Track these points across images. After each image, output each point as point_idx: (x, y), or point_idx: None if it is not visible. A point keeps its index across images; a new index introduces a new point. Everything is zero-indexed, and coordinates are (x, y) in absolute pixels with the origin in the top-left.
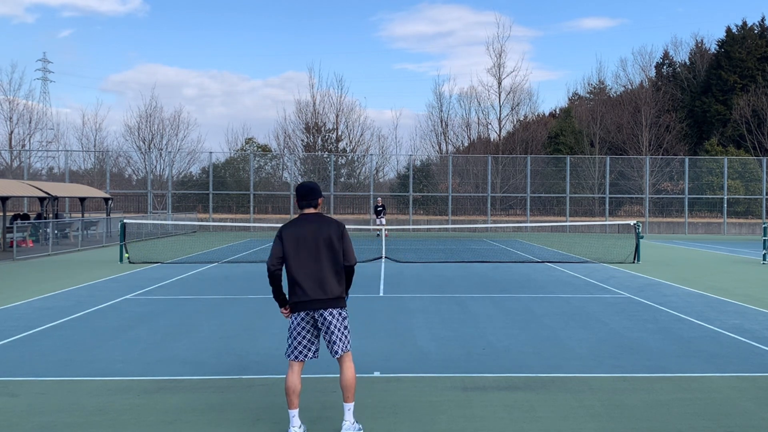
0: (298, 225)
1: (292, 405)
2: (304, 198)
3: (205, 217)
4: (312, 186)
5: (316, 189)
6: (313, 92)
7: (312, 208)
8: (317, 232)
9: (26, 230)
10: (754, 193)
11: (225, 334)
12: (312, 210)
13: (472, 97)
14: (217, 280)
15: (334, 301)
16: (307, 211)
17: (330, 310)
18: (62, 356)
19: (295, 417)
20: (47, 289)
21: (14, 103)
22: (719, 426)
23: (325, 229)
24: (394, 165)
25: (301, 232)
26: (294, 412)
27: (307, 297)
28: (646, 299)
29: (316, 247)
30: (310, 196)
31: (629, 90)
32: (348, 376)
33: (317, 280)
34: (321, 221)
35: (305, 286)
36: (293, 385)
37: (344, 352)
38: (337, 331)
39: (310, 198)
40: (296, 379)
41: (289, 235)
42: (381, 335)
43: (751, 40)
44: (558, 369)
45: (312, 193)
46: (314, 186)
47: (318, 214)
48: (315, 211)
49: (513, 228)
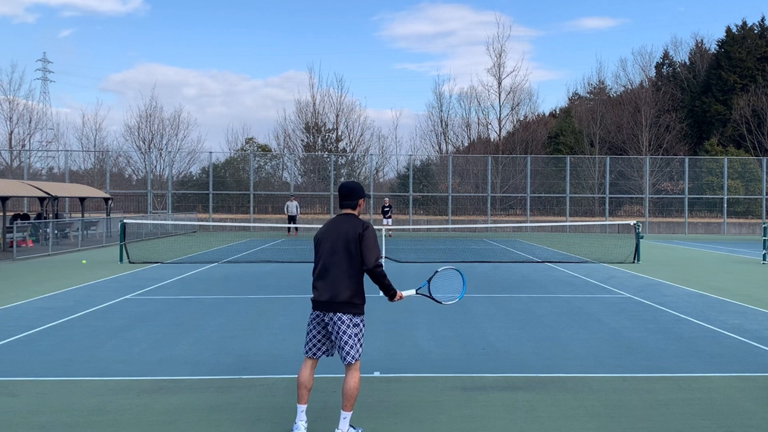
0: (330, 225)
1: (301, 399)
2: (344, 198)
3: (205, 217)
4: (352, 187)
5: (356, 190)
6: (313, 92)
7: (349, 209)
8: (338, 233)
9: (26, 230)
10: (754, 193)
11: (225, 334)
12: (348, 210)
13: (472, 97)
14: (217, 280)
15: (343, 306)
16: (345, 211)
17: (339, 315)
18: (62, 356)
19: (302, 412)
20: (47, 289)
21: (14, 103)
22: (719, 426)
23: (347, 231)
24: (394, 165)
25: (327, 232)
26: (302, 407)
27: (318, 297)
28: (646, 299)
29: (333, 248)
30: (350, 196)
31: (629, 90)
32: (351, 384)
33: (329, 281)
34: (347, 223)
35: (318, 285)
36: (304, 380)
37: (354, 360)
38: (345, 337)
39: (350, 199)
40: (307, 374)
41: (320, 235)
42: (381, 335)
43: (751, 40)
44: (558, 369)
45: (352, 194)
46: (355, 187)
47: (349, 215)
48: (351, 211)
49: (513, 228)
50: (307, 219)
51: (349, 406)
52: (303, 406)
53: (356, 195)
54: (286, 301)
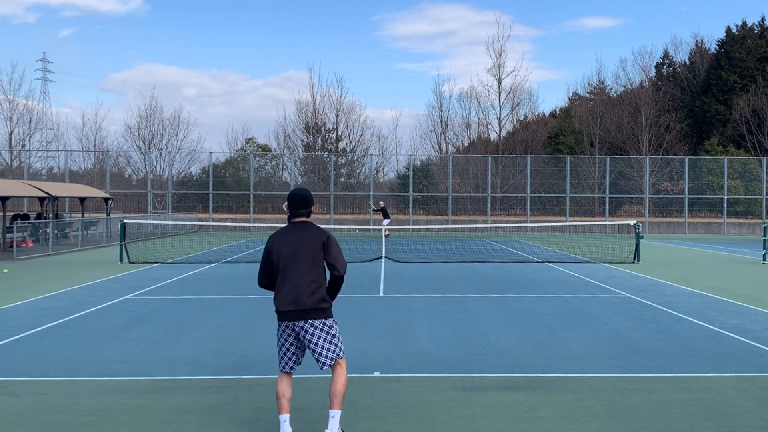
0: (285, 234)
1: (282, 409)
2: (296, 207)
3: (205, 217)
4: (304, 195)
5: (309, 198)
6: (313, 92)
7: (303, 217)
8: (300, 242)
9: (26, 230)
10: (754, 193)
11: (225, 334)
12: (302, 219)
13: (472, 97)
14: (217, 280)
15: (313, 312)
16: (297, 219)
17: (311, 322)
18: (62, 356)
19: (285, 422)
20: (47, 289)
21: (14, 103)
22: (719, 426)
23: (309, 238)
24: (394, 165)
25: (286, 241)
26: (285, 416)
27: (285, 308)
28: (646, 299)
29: (296, 256)
30: (302, 205)
31: (629, 90)
32: (338, 384)
33: (295, 291)
34: (307, 230)
35: (284, 296)
36: (282, 391)
37: (333, 362)
38: (321, 341)
39: (302, 207)
40: (285, 386)
41: (275, 245)
42: (381, 335)
43: (751, 40)
44: (558, 369)
45: (304, 202)
46: (306, 195)
47: (305, 222)
48: (305, 219)
49: (513, 228)
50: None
51: (338, 404)
52: (286, 415)
53: (309, 202)
54: None
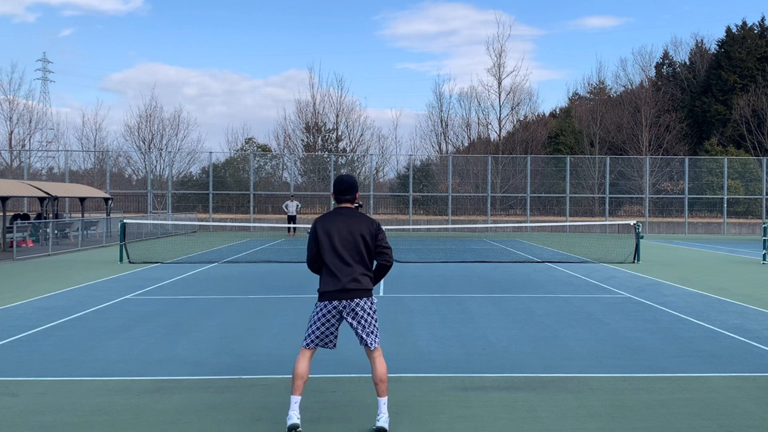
0: (333, 218)
1: (296, 390)
2: (342, 193)
3: (205, 217)
4: (351, 181)
5: (354, 184)
6: (313, 92)
7: (348, 203)
8: (351, 227)
9: (26, 230)
10: (754, 193)
11: (225, 334)
12: (347, 204)
13: (472, 97)
14: (217, 280)
15: (365, 292)
16: (344, 205)
17: (365, 300)
18: (62, 356)
19: (296, 403)
20: (47, 289)
21: (14, 102)
22: (719, 426)
23: (360, 225)
24: (394, 165)
25: (335, 224)
26: (297, 398)
27: (336, 287)
28: (646, 299)
29: (347, 240)
30: (348, 191)
31: (629, 90)
32: (383, 368)
33: (348, 271)
34: (358, 217)
35: (333, 276)
36: (302, 371)
37: (378, 344)
38: (370, 320)
39: (348, 193)
40: (305, 366)
41: (323, 227)
42: (381, 335)
43: (751, 40)
44: (558, 369)
45: (351, 188)
46: (352, 181)
47: (350, 209)
48: (349, 205)
49: (513, 228)
50: (307, 219)
51: (385, 390)
52: (298, 397)
53: (355, 189)
54: (286, 301)
